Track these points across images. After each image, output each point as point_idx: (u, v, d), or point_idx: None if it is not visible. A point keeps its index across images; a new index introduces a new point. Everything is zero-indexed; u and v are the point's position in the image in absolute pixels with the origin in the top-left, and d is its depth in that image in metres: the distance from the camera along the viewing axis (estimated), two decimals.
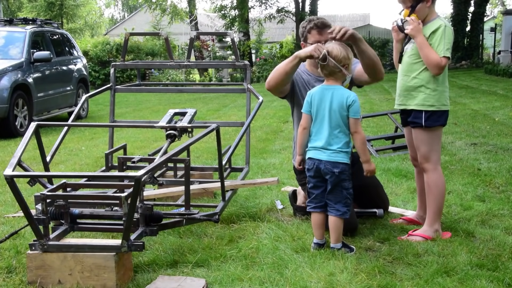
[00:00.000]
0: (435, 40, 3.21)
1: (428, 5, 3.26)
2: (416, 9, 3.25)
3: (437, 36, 3.20)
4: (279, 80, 3.42)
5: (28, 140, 3.10)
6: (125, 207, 2.64)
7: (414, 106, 3.31)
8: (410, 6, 3.27)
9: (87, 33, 36.95)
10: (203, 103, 13.12)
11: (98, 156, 6.34)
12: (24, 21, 10.45)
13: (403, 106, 3.40)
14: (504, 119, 8.51)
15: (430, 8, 3.28)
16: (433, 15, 3.30)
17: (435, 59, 3.18)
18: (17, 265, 2.98)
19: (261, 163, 5.72)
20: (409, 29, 3.24)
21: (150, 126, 4.03)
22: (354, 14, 46.76)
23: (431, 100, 3.27)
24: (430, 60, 3.19)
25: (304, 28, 3.63)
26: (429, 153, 3.33)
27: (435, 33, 3.21)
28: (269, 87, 3.50)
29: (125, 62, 4.94)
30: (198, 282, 2.70)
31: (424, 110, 3.27)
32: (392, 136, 6.58)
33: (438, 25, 3.22)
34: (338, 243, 3.10)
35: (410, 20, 3.24)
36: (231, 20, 24.53)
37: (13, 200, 4.21)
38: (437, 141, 3.35)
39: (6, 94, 8.28)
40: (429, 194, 3.36)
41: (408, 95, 3.34)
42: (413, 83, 3.31)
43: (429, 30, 3.24)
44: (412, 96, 3.32)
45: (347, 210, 3.11)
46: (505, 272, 2.77)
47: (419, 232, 3.33)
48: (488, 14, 41.23)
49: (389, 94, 13.55)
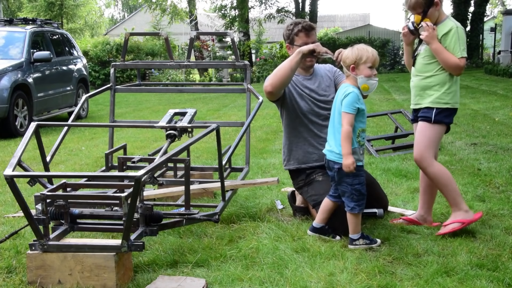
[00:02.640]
0: (450, 42, 3.26)
1: (437, 8, 3.31)
2: (427, 14, 3.30)
3: (450, 38, 3.26)
4: (284, 78, 3.46)
5: (28, 140, 3.10)
6: (125, 207, 2.64)
7: (428, 103, 3.36)
8: (422, 12, 3.31)
9: (87, 33, 36.91)
10: (203, 103, 13.12)
11: (98, 156, 6.34)
12: (24, 21, 10.45)
13: (418, 105, 3.44)
14: (504, 119, 8.52)
15: (439, 11, 3.33)
16: (442, 16, 3.35)
17: (454, 62, 3.25)
18: (17, 265, 2.98)
19: (261, 163, 5.72)
20: (425, 35, 3.29)
21: (150, 126, 4.03)
22: (354, 14, 46.77)
23: (446, 99, 3.32)
24: (450, 63, 3.25)
25: (290, 31, 3.70)
26: (426, 149, 3.35)
27: (448, 35, 3.26)
28: (272, 89, 3.50)
29: (125, 62, 4.93)
30: (198, 282, 2.70)
31: (436, 107, 3.33)
32: (392, 136, 6.58)
33: (450, 27, 3.27)
34: (354, 234, 3.19)
35: (426, 26, 3.28)
36: (231, 20, 24.53)
37: (13, 200, 4.21)
38: (437, 138, 3.39)
39: (6, 94, 8.28)
40: (439, 186, 3.40)
41: (423, 94, 3.38)
42: (427, 82, 3.36)
43: (440, 31, 3.29)
44: (426, 95, 3.37)
45: (355, 205, 3.16)
46: (505, 272, 2.77)
47: (452, 219, 3.34)
48: (488, 14, 41.22)
49: (389, 94, 13.55)
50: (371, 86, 3.17)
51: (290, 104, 3.71)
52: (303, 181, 3.72)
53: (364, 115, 3.18)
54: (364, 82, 3.14)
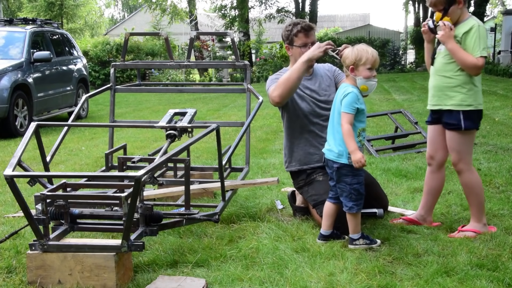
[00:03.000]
0: (470, 41, 3.20)
1: (460, 7, 3.25)
2: (448, 11, 3.24)
3: (471, 36, 3.20)
4: (293, 88, 3.49)
5: (28, 140, 3.10)
6: (125, 207, 2.64)
7: (450, 106, 3.29)
8: (443, 9, 3.25)
9: (87, 33, 36.90)
10: (203, 103, 13.12)
11: (98, 156, 6.34)
12: (24, 21, 10.45)
13: (438, 106, 3.37)
14: (504, 119, 8.51)
15: (462, 9, 3.26)
16: (465, 15, 3.29)
17: (471, 61, 3.18)
18: (17, 265, 2.98)
19: (261, 163, 5.72)
20: (440, 34, 3.25)
21: (150, 126, 4.03)
22: (354, 14, 46.77)
23: (469, 100, 3.26)
24: (467, 63, 3.19)
25: (289, 32, 3.69)
26: (463, 154, 3.33)
27: (469, 33, 3.20)
28: (281, 99, 3.52)
29: (125, 62, 4.94)
30: (198, 282, 2.70)
31: (461, 110, 3.26)
32: (392, 136, 6.58)
33: (471, 25, 3.21)
34: (355, 233, 3.19)
35: (442, 26, 3.23)
36: (231, 20, 24.52)
37: (13, 200, 4.21)
38: (471, 143, 3.37)
39: (6, 94, 8.28)
40: (470, 194, 3.39)
41: (444, 95, 3.33)
42: (447, 83, 3.30)
43: (461, 30, 3.23)
44: (448, 96, 3.30)
45: (353, 205, 3.15)
46: (505, 272, 2.77)
47: (470, 228, 3.36)
48: (488, 14, 41.22)
49: (389, 94, 13.55)
50: (370, 87, 3.17)
51: (291, 106, 3.70)
52: (304, 181, 3.72)
53: (364, 114, 3.18)
54: (363, 83, 3.14)
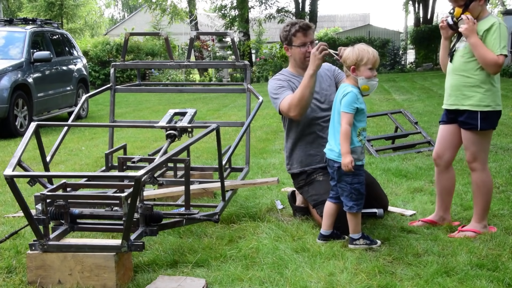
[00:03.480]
0: (490, 38, 3.16)
1: (481, 3, 3.22)
2: (469, 7, 3.21)
3: (492, 34, 3.16)
4: (308, 102, 3.51)
5: (28, 140, 3.10)
6: (125, 207, 2.64)
7: (468, 106, 3.25)
8: (464, 4, 3.22)
9: (87, 33, 36.90)
10: (203, 103, 13.12)
11: (98, 156, 6.34)
12: (24, 21, 10.45)
13: (455, 106, 3.33)
14: (504, 119, 8.51)
15: (482, 6, 3.24)
16: (485, 13, 3.26)
17: (492, 58, 3.13)
18: (17, 265, 2.98)
19: (261, 163, 5.72)
20: (464, 28, 3.18)
21: (150, 126, 4.03)
22: (354, 14, 46.76)
23: (487, 100, 3.22)
24: (487, 60, 3.14)
25: (287, 32, 3.68)
26: (479, 153, 3.31)
27: (490, 31, 3.17)
28: (300, 116, 3.56)
29: (125, 62, 4.94)
30: (198, 282, 2.70)
31: (479, 111, 3.23)
32: (392, 136, 6.58)
33: (492, 23, 3.17)
34: (355, 233, 3.20)
35: (466, 19, 3.18)
36: (231, 20, 24.50)
37: (13, 200, 4.21)
38: (487, 142, 3.35)
39: (6, 94, 8.28)
40: (478, 193, 3.37)
41: (461, 95, 3.28)
42: (466, 82, 3.26)
43: (482, 27, 3.19)
44: (466, 96, 3.26)
45: (353, 204, 3.16)
46: (505, 272, 2.77)
47: (470, 228, 3.35)
48: None
49: (389, 94, 13.55)
50: (372, 86, 3.17)
51: None
52: (304, 181, 3.72)
53: (364, 114, 3.19)
54: (365, 83, 3.15)
